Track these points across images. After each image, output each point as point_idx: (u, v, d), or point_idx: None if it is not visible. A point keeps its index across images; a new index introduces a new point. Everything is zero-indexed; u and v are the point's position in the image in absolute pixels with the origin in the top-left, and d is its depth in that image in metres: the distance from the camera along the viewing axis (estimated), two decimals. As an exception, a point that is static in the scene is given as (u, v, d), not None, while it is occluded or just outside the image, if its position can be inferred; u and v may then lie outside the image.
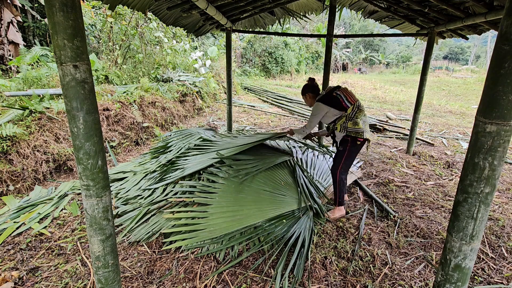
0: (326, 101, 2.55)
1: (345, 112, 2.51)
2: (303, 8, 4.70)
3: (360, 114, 2.52)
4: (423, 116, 7.56)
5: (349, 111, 2.50)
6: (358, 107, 2.52)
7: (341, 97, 2.53)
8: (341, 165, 2.58)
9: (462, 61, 36.17)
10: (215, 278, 1.94)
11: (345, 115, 2.52)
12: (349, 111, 2.50)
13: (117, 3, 2.55)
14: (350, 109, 2.50)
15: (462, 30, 3.70)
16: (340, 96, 2.53)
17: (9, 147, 3.17)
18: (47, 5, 1.01)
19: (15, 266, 2.02)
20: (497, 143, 0.98)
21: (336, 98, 2.53)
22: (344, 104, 2.51)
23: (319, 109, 2.58)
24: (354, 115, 2.51)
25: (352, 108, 2.51)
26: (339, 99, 2.52)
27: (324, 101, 2.56)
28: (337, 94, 2.55)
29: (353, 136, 2.52)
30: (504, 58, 0.92)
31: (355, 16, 5.23)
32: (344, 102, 2.52)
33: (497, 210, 2.94)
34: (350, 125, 2.51)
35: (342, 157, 2.58)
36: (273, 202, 2.54)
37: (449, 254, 1.15)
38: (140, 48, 7.63)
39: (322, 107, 2.57)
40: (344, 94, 2.54)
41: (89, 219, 1.26)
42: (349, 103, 2.51)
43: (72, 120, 1.13)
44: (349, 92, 2.58)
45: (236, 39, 15.82)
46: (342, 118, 2.53)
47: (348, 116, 2.51)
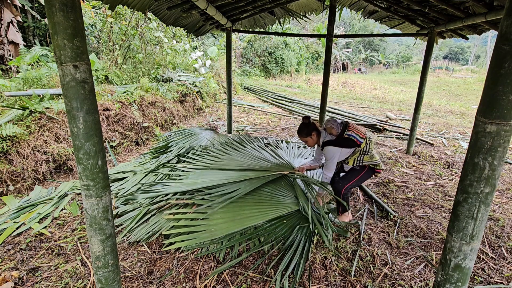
0: (338, 144, 2.43)
1: (359, 148, 2.44)
2: (303, 8, 4.70)
3: (373, 146, 2.49)
4: (423, 116, 7.56)
5: (362, 146, 2.43)
6: (370, 138, 2.47)
7: (354, 137, 2.42)
8: (351, 183, 2.51)
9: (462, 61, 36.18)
10: (215, 278, 1.94)
11: (358, 150, 2.46)
12: (362, 146, 2.43)
13: (117, 3, 2.55)
14: (363, 144, 2.43)
15: (462, 30, 3.70)
16: (353, 136, 2.42)
17: (9, 147, 3.17)
18: (47, 5, 1.01)
19: (15, 266, 2.02)
20: (497, 143, 0.98)
21: (350, 140, 2.42)
22: (358, 142, 2.42)
23: (333, 153, 2.44)
24: (369, 149, 2.47)
25: (365, 142, 2.44)
26: (353, 139, 2.41)
27: (337, 144, 2.43)
28: (349, 135, 2.43)
29: (371, 167, 2.52)
30: (504, 58, 0.92)
31: (355, 16, 5.23)
32: (358, 139, 2.42)
33: (497, 210, 2.94)
34: (367, 159, 2.48)
35: (356, 177, 2.51)
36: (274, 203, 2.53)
37: (449, 254, 1.15)
38: (140, 48, 7.63)
39: (336, 150, 2.44)
40: (356, 132, 2.44)
41: (89, 219, 1.26)
42: (361, 139, 2.42)
43: (72, 120, 1.13)
44: (356, 127, 2.48)
45: (236, 39, 15.83)
46: (356, 153, 2.48)
47: (363, 151, 2.46)
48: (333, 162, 2.45)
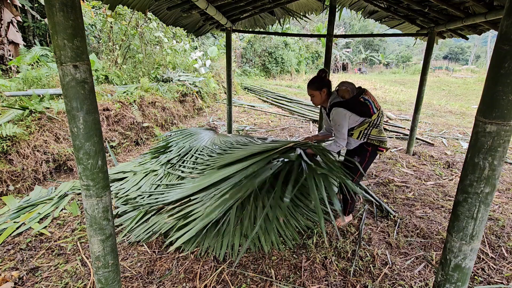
0: (351, 107, 2.19)
1: (369, 119, 2.22)
2: (303, 8, 4.70)
3: (382, 121, 2.28)
4: (423, 116, 7.56)
5: (374, 117, 2.22)
6: (382, 112, 2.28)
7: (370, 103, 2.20)
8: (356, 178, 2.34)
9: (462, 61, 36.19)
10: (215, 278, 1.94)
11: (368, 121, 2.23)
12: (374, 117, 2.22)
13: (117, 3, 2.55)
14: (375, 116, 2.22)
15: (462, 30, 3.70)
16: (369, 102, 2.20)
17: (9, 147, 3.17)
18: (47, 5, 1.01)
19: (15, 266, 2.02)
20: (497, 143, 0.98)
21: (365, 105, 2.20)
22: (372, 110, 2.20)
23: (343, 116, 2.20)
24: (379, 122, 2.25)
25: (377, 114, 2.23)
26: (368, 105, 2.20)
27: (349, 107, 2.19)
28: (365, 99, 2.20)
29: (375, 145, 2.27)
30: (504, 58, 0.92)
31: (355, 16, 5.23)
32: (372, 108, 2.20)
33: (497, 210, 2.94)
34: (375, 133, 2.26)
35: (358, 170, 2.31)
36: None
37: (449, 254, 1.15)
38: (140, 48, 7.63)
39: (345, 113, 2.19)
40: (372, 99, 2.23)
41: (89, 219, 1.26)
42: (376, 109, 2.22)
43: (72, 120, 1.13)
44: (374, 97, 2.29)
45: (236, 39, 15.82)
46: (364, 125, 2.24)
47: (373, 122, 2.24)
48: (344, 128, 2.21)
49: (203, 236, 2.29)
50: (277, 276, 1.98)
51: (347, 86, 2.23)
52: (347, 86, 2.23)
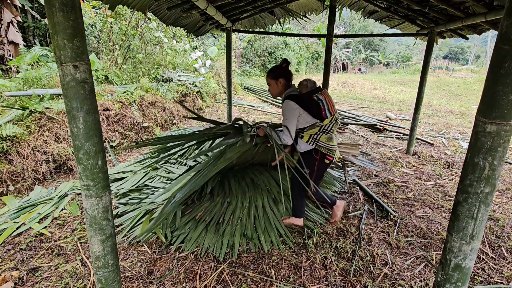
0: (302, 103, 2.03)
1: (321, 122, 2.09)
2: (303, 8, 4.70)
3: (335, 128, 2.15)
4: (423, 116, 7.56)
5: (326, 122, 2.08)
6: (336, 119, 2.14)
7: (322, 103, 2.05)
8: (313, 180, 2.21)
9: (462, 61, 36.19)
10: (215, 278, 1.94)
11: (319, 126, 2.09)
12: (326, 122, 2.08)
13: (117, 3, 2.55)
14: (327, 121, 2.08)
15: (462, 30, 3.70)
16: (322, 102, 2.06)
17: (9, 147, 3.17)
18: (47, 5, 1.01)
19: (15, 266, 2.02)
20: (497, 143, 0.98)
21: (316, 104, 2.04)
22: (324, 113, 2.06)
23: (292, 111, 2.03)
24: (331, 129, 2.11)
25: (330, 120, 2.09)
26: (320, 106, 2.05)
27: (300, 103, 2.03)
28: (318, 98, 2.06)
29: (323, 153, 2.13)
30: (504, 58, 0.92)
31: (355, 16, 5.23)
32: (325, 110, 2.06)
33: (497, 210, 2.94)
34: (324, 139, 2.11)
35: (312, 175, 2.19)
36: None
37: (449, 254, 1.15)
38: (140, 48, 7.63)
39: (295, 108, 2.02)
40: (327, 101, 2.09)
41: (89, 219, 1.26)
42: (329, 113, 2.08)
43: (72, 120, 1.13)
44: (331, 99, 2.15)
45: (236, 39, 15.82)
46: (314, 128, 2.09)
47: (323, 128, 2.10)
48: (291, 124, 2.05)
49: (203, 236, 2.29)
50: (277, 276, 1.98)
51: (307, 82, 2.15)
52: (307, 82, 2.15)
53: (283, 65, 2.16)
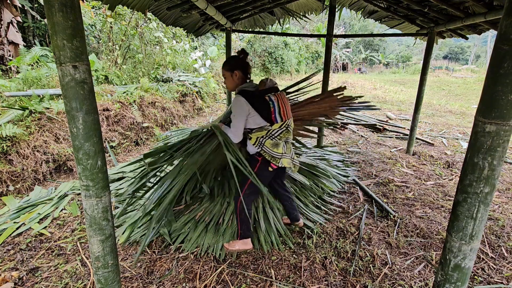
0: (253, 101, 1.86)
1: (269, 126, 1.92)
2: (303, 8, 4.70)
3: (285, 136, 1.97)
4: (423, 116, 7.56)
5: (275, 126, 1.92)
6: (288, 127, 1.98)
7: (273, 105, 1.90)
8: (244, 190, 2.00)
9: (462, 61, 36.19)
10: (215, 278, 1.94)
11: (267, 129, 1.92)
12: (275, 126, 1.92)
13: (117, 3, 2.55)
14: (277, 126, 1.92)
15: (462, 30, 3.70)
16: (273, 104, 1.90)
17: (9, 148, 3.17)
18: (47, 5, 1.01)
19: (15, 267, 2.02)
20: (497, 143, 0.98)
21: (267, 105, 1.89)
22: (273, 116, 1.90)
23: (241, 108, 1.86)
24: (278, 135, 1.94)
25: (280, 125, 1.93)
26: (270, 107, 1.89)
27: (251, 101, 1.86)
28: (270, 99, 1.90)
29: (266, 159, 1.95)
30: (503, 58, 0.92)
31: (355, 16, 5.23)
32: (275, 114, 1.90)
33: (497, 210, 2.94)
34: (269, 145, 1.92)
35: (247, 180, 1.99)
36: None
37: (449, 254, 1.15)
38: (140, 48, 7.63)
39: (244, 105, 1.85)
40: (280, 104, 1.92)
41: (89, 219, 1.26)
42: (280, 117, 1.92)
43: (71, 120, 1.13)
44: (286, 103, 1.98)
45: (236, 39, 15.82)
46: (262, 131, 1.92)
47: (271, 132, 1.92)
48: (238, 121, 1.90)
49: (203, 237, 2.29)
50: (277, 276, 1.98)
51: (266, 81, 2.00)
52: (267, 81, 2.00)
53: (241, 55, 1.98)
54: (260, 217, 2.42)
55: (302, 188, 2.88)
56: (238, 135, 1.96)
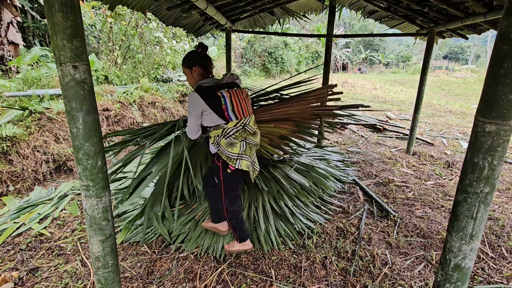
0: (207, 98, 1.76)
1: (225, 124, 1.82)
2: (303, 8, 4.70)
3: (243, 136, 1.86)
4: (423, 116, 7.56)
5: (230, 125, 1.81)
6: (245, 125, 1.84)
7: (225, 102, 1.78)
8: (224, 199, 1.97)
9: (462, 61, 36.18)
10: (215, 278, 1.94)
11: (223, 127, 1.82)
12: (230, 125, 1.81)
13: (117, 3, 2.55)
14: (232, 124, 1.81)
15: (461, 29, 3.70)
16: (224, 100, 1.78)
17: (9, 148, 3.17)
18: (46, 5, 1.01)
19: (15, 267, 2.02)
20: (497, 142, 0.98)
21: (217, 101, 1.77)
22: (226, 113, 1.79)
23: (195, 104, 1.78)
24: (233, 134, 1.82)
25: (235, 124, 1.81)
26: (222, 104, 1.77)
27: (205, 97, 1.76)
28: (222, 95, 1.78)
29: (223, 160, 1.87)
30: (503, 58, 0.92)
31: (355, 16, 5.23)
32: (227, 111, 1.79)
33: (497, 210, 2.94)
34: (223, 145, 1.83)
35: (221, 191, 1.95)
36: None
37: (449, 254, 1.15)
38: (140, 48, 7.63)
39: (197, 100, 1.76)
40: (233, 99, 1.80)
41: (89, 219, 1.26)
42: (234, 115, 1.80)
43: (71, 120, 1.13)
44: (242, 99, 1.85)
45: (236, 39, 15.82)
46: (218, 129, 1.83)
47: (225, 131, 1.81)
48: (192, 116, 1.82)
49: (203, 237, 2.29)
50: (277, 276, 1.98)
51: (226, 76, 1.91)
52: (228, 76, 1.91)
53: (198, 50, 1.88)
54: (260, 217, 2.42)
55: (302, 189, 2.87)
56: (192, 132, 1.90)
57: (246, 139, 1.88)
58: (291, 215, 2.55)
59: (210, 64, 1.90)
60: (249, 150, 1.89)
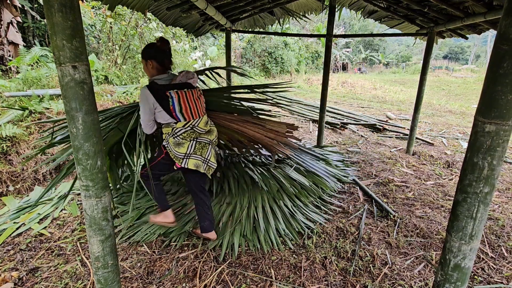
0: (157, 96, 1.77)
1: (175, 124, 1.84)
2: (303, 8, 4.70)
3: (192, 136, 1.89)
4: (423, 116, 7.56)
5: (178, 125, 1.84)
6: (194, 127, 1.87)
7: (172, 103, 1.78)
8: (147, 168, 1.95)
9: (462, 61, 36.17)
10: (214, 278, 1.94)
11: (172, 127, 1.85)
12: (178, 125, 1.84)
13: (117, 3, 2.55)
14: (181, 124, 1.84)
15: (461, 29, 3.70)
16: (172, 101, 1.78)
17: (9, 148, 3.17)
18: (46, 5, 1.01)
19: (15, 267, 2.02)
20: (496, 142, 0.98)
21: (165, 102, 1.78)
22: (174, 114, 1.81)
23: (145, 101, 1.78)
24: (181, 134, 1.85)
25: (184, 125, 1.84)
26: (169, 104, 1.78)
27: (156, 95, 1.77)
28: (171, 96, 1.78)
29: (170, 157, 1.92)
30: (503, 57, 0.92)
31: (355, 16, 5.23)
32: (175, 112, 1.80)
33: (496, 210, 2.94)
34: (171, 143, 1.87)
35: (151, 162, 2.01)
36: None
37: (449, 254, 1.14)
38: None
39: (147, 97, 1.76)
40: (182, 101, 1.81)
41: (89, 219, 1.26)
42: (182, 116, 1.83)
43: (71, 120, 1.13)
44: (192, 100, 1.86)
45: (236, 39, 15.82)
46: (169, 127, 1.87)
47: (174, 131, 1.84)
48: (143, 114, 1.83)
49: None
50: (277, 276, 1.98)
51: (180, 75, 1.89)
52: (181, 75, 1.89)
53: (158, 43, 1.85)
54: (259, 217, 2.42)
55: (301, 188, 2.87)
56: (147, 127, 1.90)
57: (197, 139, 1.91)
58: (291, 215, 2.56)
59: (168, 59, 1.88)
60: (200, 149, 1.93)
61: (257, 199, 2.59)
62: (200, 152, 1.93)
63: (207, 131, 1.97)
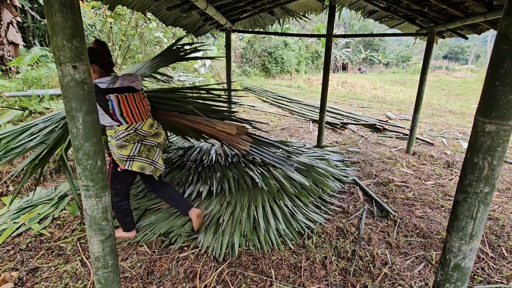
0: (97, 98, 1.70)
1: (117, 126, 1.84)
2: (303, 8, 4.70)
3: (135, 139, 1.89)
4: (423, 116, 7.56)
5: (121, 128, 1.84)
6: (136, 130, 1.87)
7: (112, 106, 1.77)
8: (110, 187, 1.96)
9: (462, 61, 36.19)
10: (215, 278, 1.94)
11: (115, 129, 1.85)
12: (121, 128, 1.84)
13: (117, 3, 2.55)
14: (123, 127, 1.84)
15: (461, 29, 3.70)
16: (112, 105, 1.77)
17: (9, 148, 3.17)
18: (46, 5, 1.01)
19: (15, 267, 2.02)
20: (496, 142, 0.98)
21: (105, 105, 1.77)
22: (115, 118, 1.81)
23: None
24: (123, 137, 1.84)
25: (126, 128, 1.84)
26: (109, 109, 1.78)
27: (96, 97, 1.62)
28: (110, 99, 1.76)
29: (114, 160, 1.92)
30: (503, 57, 0.92)
31: (355, 16, 5.24)
32: (116, 116, 1.80)
33: (497, 210, 2.94)
34: (114, 146, 1.87)
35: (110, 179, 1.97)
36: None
37: (449, 253, 1.14)
38: (140, 48, 7.63)
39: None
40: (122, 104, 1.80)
41: (89, 219, 1.26)
42: (123, 119, 1.83)
43: (71, 120, 1.13)
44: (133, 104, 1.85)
45: (236, 39, 15.83)
46: (112, 130, 1.86)
47: (116, 133, 1.84)
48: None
49: (202, 236, 2.29)
50: (277, 276, 1.98)
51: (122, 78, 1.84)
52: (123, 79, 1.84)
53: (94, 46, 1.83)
54: (259, 217, 2.42)
55: (302, 188, 2.88)
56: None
57: (142, 141, 1.92)
58: (291, 215, 2.56)
59: (107, 61, 1.86)
60: (146, 152, 1.94)
61: (257, 199, 2.59)
62: (146, 154, 1.94)
63: (153, 133, 1.96)
